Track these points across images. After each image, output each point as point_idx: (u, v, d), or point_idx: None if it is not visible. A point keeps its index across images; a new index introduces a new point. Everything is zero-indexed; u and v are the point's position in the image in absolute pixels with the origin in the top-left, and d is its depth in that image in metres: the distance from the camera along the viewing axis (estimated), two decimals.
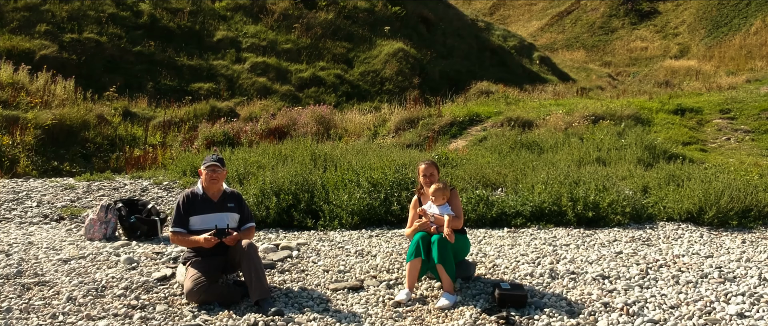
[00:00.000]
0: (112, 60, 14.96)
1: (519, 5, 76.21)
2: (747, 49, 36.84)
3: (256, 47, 16.93)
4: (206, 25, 17.16)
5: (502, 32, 26.45)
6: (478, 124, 9.96)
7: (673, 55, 42.90)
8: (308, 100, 15.69)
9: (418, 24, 20.41)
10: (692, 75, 31.46)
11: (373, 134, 10.76)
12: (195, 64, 15.80)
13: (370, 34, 18.53)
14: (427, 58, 18.53)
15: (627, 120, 8.83)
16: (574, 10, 57.41)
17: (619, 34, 49.96)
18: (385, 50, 17.85)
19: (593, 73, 29.55)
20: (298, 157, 6.46)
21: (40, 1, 15.58)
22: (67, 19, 15.33)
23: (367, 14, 19.13)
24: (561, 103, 11.78)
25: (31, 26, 14.86)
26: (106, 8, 16.07)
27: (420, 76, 17.48)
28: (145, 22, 16.33)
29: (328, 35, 17.98)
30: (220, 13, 17.82)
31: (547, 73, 24.59)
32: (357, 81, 16.76)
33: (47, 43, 14.48)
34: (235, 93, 15.50)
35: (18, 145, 10.10)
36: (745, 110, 9.36)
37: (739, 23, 40.41)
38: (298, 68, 16.57)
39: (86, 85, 14.02)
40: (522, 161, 6.64)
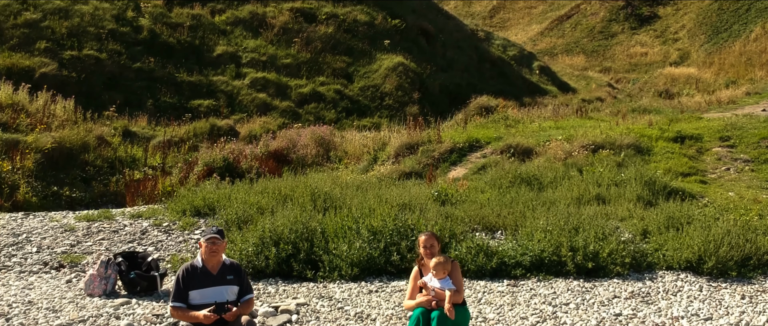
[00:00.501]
0: (111, 77, 14.97)
1: (519, 8, 76.26)
2: (747, 56, 36.87)
3: (256, 62, 16.93)
4: (206, 40, 17.17)
5: (502, 42, 26.45)
6: (478, 149, 9.97)
7: (672, 61, 42.95)
8: (308, 116, 15.70)
9: (418, 36, 20.41)
10: (692, 83, 31.50)
11: (373, 158, 10.76)
12: (195, 80, 15.81)
13: (370, 48, 18.53)
14: (427, 72, 18.53)
15: (626, 149, 8.84)
16: (573, 15, 57.43)
17: (619, 39, 49.99)
18: (385, 64, 17.85)
19: (593, 81, 29.56)
20: (297, 196, 6.46)
21: (40, 17, 15.59)
22: (67, 36, 15.33)
23: (367, 28, 19.13)
24: (561, 125, 11.77)
25: (31, 43, 14.86)
26: (106, 24, 16.07)
27: (420, 91, 17.48)
28: (145, 38, 16.33)
29: (327, 49, 17.98)
30: (219, 27, 17.82)
31: (546, 83, 24.60)
32: (357, 96, 16.76)
33: (47, 61, 14.48)
34: (235, 109, 15.50)
35: (18, 170, 10.10)
36: (745, 138, 9.37)
37: (739, 29, 40.45)
38: (297, 83, 16.58)
39: (86, 103, 14.02)
40: (522, 200, 6.64)
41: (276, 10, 18.80)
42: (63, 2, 16.20)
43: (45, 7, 15.92)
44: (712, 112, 16.36)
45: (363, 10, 19.73)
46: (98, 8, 16.49)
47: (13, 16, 15.36)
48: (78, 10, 16.12)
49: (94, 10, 16.35)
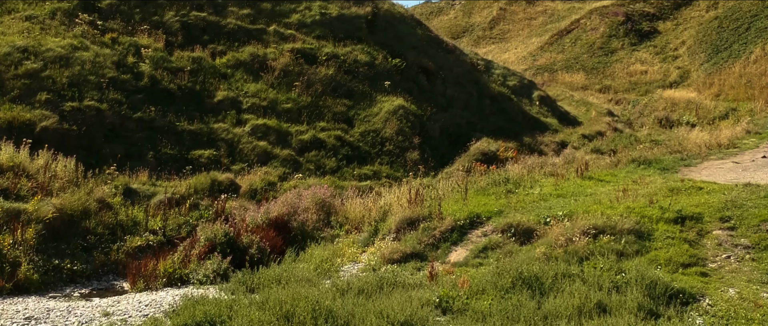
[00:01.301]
0: (112, 128, 14.99)
1: (518, 19, 76.43)
2: (747, 78, 36.97)
3: (257, 108, 16.95)
4: (207, 85, 17.19)
5: (502, 71, 26.49)
6: (479, 226, 9.98)
7: (672, 81, 43.03)
8: (309, 165, 15.74)
9: (419, 75, 20.44)
10: (692, 109, 31.57)
11: (374, 230, 10.77)
12: (195, 128, 15.83)
13: (371, 90, 18.56)
14: (427, 114, 18.56)
15: (627, 235, 8.85)
16: (573, 30, 57.56)
17: (619, 56, 50.09)
18: (385, 107, 17.88)
19: (593, 108, 29.60)
20: (299, 313, 6.47)
21: (41, 66, 15.60)
22: (68, 86, 15.35)
23: (368, 68, 19.16)
24: (561, 190, 11.79)
25: (32, 95, 14.89)
26: (106, 72, 16.09)
27: (420, 135, 17.51)
28: (146, 86, 16.36)
29: (328, 92, 18.01)
30: (220, 70, 17.84)
31: (547, 115, 24.63)
32: (357, 142, 16.78)
33: (48, 114, 14.51)
34: (236, 159, 15.53)
35: (19, 245, 10.11)
36: (745, 219, 9.37)
37: (739, 49, 40.54)
38: (298, 129, 16.60)
39: (87, 157, 14.07)
40: (523, 315, 6.66)
41: (277, 51, 18.83)
42: (64, 50, 16.23)
43: (46, 55, 15.93)
44: (712, 159, 16.39)
45: (363, 50, 19.76)
46: (99, 54, 16.51)
47: (14, 65, 15.38)
48: (79, 58, 16.14)
49: (95, 56, 16.37)
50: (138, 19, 18.64)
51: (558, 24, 68.60)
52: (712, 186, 11.42)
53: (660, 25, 55.43)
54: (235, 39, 19.06)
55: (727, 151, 17.57)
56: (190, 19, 19.16)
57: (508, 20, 76.93)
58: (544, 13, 76.73)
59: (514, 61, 58.10)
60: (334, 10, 20.78)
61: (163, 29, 18.57)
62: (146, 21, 18.70)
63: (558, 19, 71.69)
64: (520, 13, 78.26)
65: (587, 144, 20.82)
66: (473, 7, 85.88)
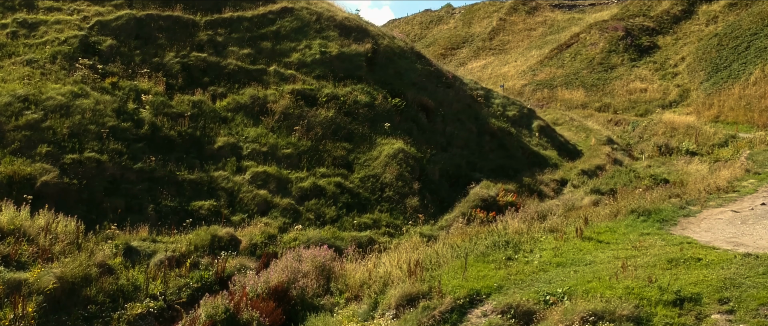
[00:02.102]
0: (113, 180, 15.02)
1: (518, 30, 76.62)
2: (746, 100, 37.07)
3: (257, 153, 16.98)
4: (207, 131, 17.23)
5: (502, 100, 26.54)
6: (479, 304, 10.00)
7: (672, 100, 43.11)
8: (309, 215, 15.77)
9: (418, 113, 20.49)
10: (691, 135, 31.62)
11: (374, 303, 10.80)
12: (196, 177, 15.86)
13: (371, 132, 18.60)
14: (427, 156, 18.60)
15: (626, 322, 8.88)
16: (573, 44, 57.70)
17: (619, 72, 50.23)
18: (385, 151, 17.92)
19: (592, 135, 29.64)
20: None
21: (42, 116, 15.64)
22: (68, 137, 15.38)
23: (367, 109, 19.20)
24: (561, 256, 11.82)
25: (33, 147, 14.92)
26: (107, 120, 16.13)
27: (419, 180, 17.55)
28: (146, 133, 16.39)
29: (328, 135, 18.05)
30: (221, 114, 17.88)
31: (546, 146, 24.68)
32: (357, 188, 16.81)
33: (48, 167, 14.54)
34: (236, 209, 15.56)
35: (21, 319, 10.14)
36: (744, 301, 9.40)
37: (739, 69, 40.64)
38: (298, 176, 16.64)
39: (87, 212, 14.13)
40: None
41: (277, 92, 18.87)
42: (64, 98, 16.27)
43: (46, 104, 15.98)
44: (711, 205, 16.41)
45: (363, 90, 19.80)
46: (99, 101, 16.55)
47: (15, 116, 15.41)
48: (79, 106, 16.18)
49: (95, 104, 16.41)
50: (138, 62, 18.69)
51: (557, 35, 68.75)
52: (711, 256, 11.43)
53: (659, 39, 55.56)
54: (236, 80, 19.11)
55: (726, 197, 17.58)
56: (191, 60, 19.21)
57: (508, 31, 77.06)
58: (544, 24, 76.86)
59: (513, 75, 58.26)
60: (335, 49, 20.82)
61: (164, 71, 18.61)
62: (146, 63, 18.75)
63: (558, 31, 71.82)
64: (519, 23, 78.40)
65: (587, 181, 20.86)
66: (473, 16, 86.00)
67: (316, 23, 21.72)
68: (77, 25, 19.16)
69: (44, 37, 18.76)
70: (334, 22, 22.10)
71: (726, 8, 57.49)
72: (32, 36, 18.80)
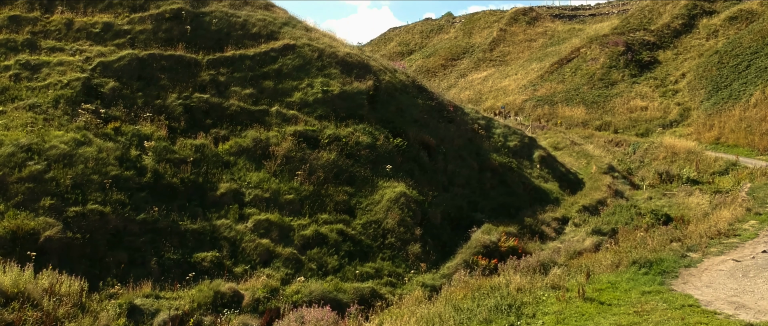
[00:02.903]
0: (116, 233, 15.06)
1: (518, 41, 76.75)
2: (747, 123, 37.14)
3: (259, 200, 17.03)
4: (209, 176, 17.27)
5: (503, 130, 26.58)
6: None
7: (672, 119, 43.17)
8: (311, 265, 15.82)
9: (420, 152, 20.54)
10: (692, 161, 31.66)
11: None
12: (198, 227, 15.91)
13: (372, 175, 18.64)
14: (429, 199, 18.65)
15: None
16: (574, 58, 57.81)
17: (619, 89, 50.31)
18: (387, 195, 17.97)
19: (593, 162, 29.68)
20: None
21: (45, 167, 15.68)
22: (72, 188, 15.43)
23: (369, 151, 19.24)
24: (563, 318, 11.87)
25: (36, 200, 14.96)
26: (110, 169, 16.17)
27: (421, 225, 17.60)
28: (149, 181, 16.44)
29: (330, 179, 18.10)
30: (223, 158, 17.93)
31: (547, 178, 24.72)
32: (359, 235, 16.86)
33: (52, 221, 14.57)
34: (238, 260, 15.60)
35: None
36: None
37: (740, 89, 40.72)
38: (300, 223, 16.68)
39: (90, 267, 14.19)
40: None
41: (279, 134, 18.92)
42: (67, 146, 16.32)
43: (49, 153, 16.03)
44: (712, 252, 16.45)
45: (365, 130, 19.84)
46: (102, 149, 16.60)
47: (18, 168, 15.46)
48: (82, 155, 16.23)
49: (98, 152, 16.46)
50: (140, 104, 18.74)
51: (558, 47, 68.86)
52: (713, 324, 11.47)
53: (660, 53, 55.64)
54: (238, 122, 19.16)
55: (727, 242, 17.62)
56: (193, 101, 19.26)
57: (508, 41, 77.15)
58: (544, 35, 76.95)
59: (514, 89, 58.36)
60: (336, 87, 20.87)
61: (166, 114, 18.66)
62: (149, 105, 18.80)
63: (558, 42, 71.94)
64: (520, 34, 78.49)
65: (588, 219, 20.90)
66: (473, 26, 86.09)
67: (318, 60, 21.77)
68: (80, 67, 19.21)
69: (47, 79, 18.81)
70: (336, 59, 22.15)
71: (726, 22, 57.60)
72: (35, 78, 18.86)
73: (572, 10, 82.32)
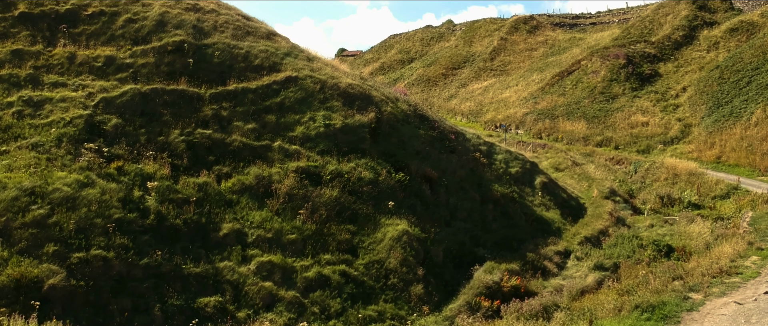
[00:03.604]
0: (119, 279, 15.08)
1: (519, 51, 76.80)
2: (748, 142, 37.22)
3: (262, 240, 17.06)
4: (212, 216, 17.30)
5: (505, 156, 26.61)
6: None
7: (673, 135, 43.24)
8: (313, 308, 15.86)
9: (422, 186, 20.58)
10: (693, 183, 31.70)
11: None
12: (201, 270, 15.94)
13: (374, 212, 18.68)
14: (431, 236, 18.69)
15: None
16: (574, 71, 57.87)
17: (620, 103, 50.38)
18: (389, 233, 18.01)
19: (595, 186, 29.72)
20: None
21: (48, 211, 15.70)
22: (75, 233, 15.45)
23: (371, 187, 19.27)
24: None
25: (39, 246, 14.98)
26: (113, 212, 16.19)
27: (423, 264, 17.65)
28: (152, 224, 16.46)
29: (333, 217, 18.13)
30: (226, 196, 17.96)
31: (549, 206, 24.75)
32: (362, 276, 16.90)
33: (55, 269, 14.59)
34: (241, 304, 15.63)
35: None
36: None
37: (740, 107, 40.79)
38: (303, 264, 16.72)
39: (94, 316, 14.25)
40: None
41: (282, 171, 18.95)
42: (70, 188, 16.34)
43: (53, 196, 16.04)
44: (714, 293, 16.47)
45: (367, 165, 19.88)
46: (105, 191, 16.62)
47: (22, 213, 15.48)
48: (85, 198, 16.25)
49: (101, 194, 16.48)
50: (143, 141, 18.77)
51: (559, 57, 68.89)
52: None
53: (661, 66, 55.69)
54: (241, 158, 19.19)
55: (728, 282, 17.64)
56: (196, 137, 19.30)
57: (509, 51, 77.17)
58: (545, 44, 76.97)
59: (515, 101, 58.37)
60: (338, 121, 20.90)
61: (169, 152, 18.69)
62: (152, 142, 18.83)
63: (559, 52, 71.96)
64: (520, 43, 78.51)
65: (590, 252, 20.93)
66: (474, 35, 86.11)
67: (320, 93, 21.81)
68: (82, 104, 19.24)
69: (50, 116, 18.85)
70: (338, 91, 22.18)
71: (727, 33, 57.67)
72: (38, 115, 18.89)
73: (573, 18, 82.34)
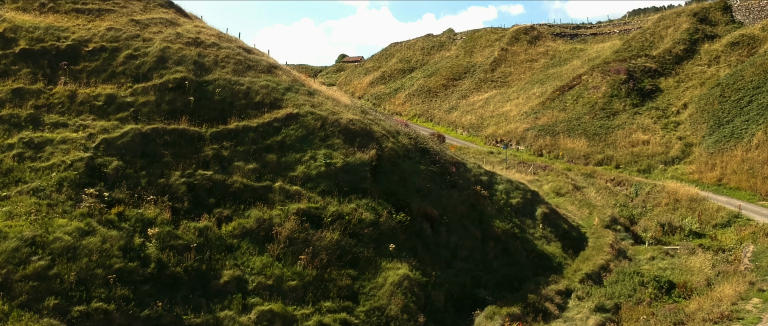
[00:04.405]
0: None
1: (520, 62, 76.85)
2: (749, 165, 37.22)
3: (263, 287, 17.03)
4: (213, 263, 17.28)
5: (506, 186, 26.58)
6: None
7: (674, 155, 43.22)
8: None
9: (423, 224, 20.55)
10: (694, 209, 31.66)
11: None
12: (202, 321, 15.90)
13: (375, 255, 18.65)
14: (432, 279, 18.68)
15: None
16: (575, 86, 57.88)
17: (621, 119, 50.36)
18: (390, 278, 17.98)
19: (596, 214, 29.67)
20: None
21: (49, 262, 15.68)
22: (76, 285, 15.42)
23: (372, 229, 19.25)
24: None
25: (40, 299, 14.96)
26: (114, 262, 16.16)
27: (424, 311, 17.63)
28: (153, 272, 16.44)
29: (333, 262, 18.11)
30: (226, 241, 17.94)
31: (551, 239, 24.73)
32: (363, 325, 16.86)
33: (56, 323, 14.56)
34: None
35: None
36: None
37: (742, 127, 40.81)
38: (304, 313, 16.69)
39: None
40: None
41: (282, 213, 18.92)
42: (71, 237, 16.32)
43: (53, 246, 16.02)
44: None
45: (368, 206, 19.85)
46: (106, 239, 16.60)
47: (23, 264, 15.44)
48: (86, 247, 16.23)
49: (102, 243, 16.46)
50: (144, 184, 18.75)
51: (559, 69, 68.91)
52: None
53: (662, 81, 55.67)
54: (241, 200, 19.16)
55: None
56: (196, 179, 19.28)
57: (510, 62, 77.16)
58: (546, 55, 76.96)
59: (515, 116, 58.36)
60: (339, 160, 20.87)
61: (170, 194, 18.67)
62: (152, 185, 18.81)
63: (560, 63, 71.96)
64: (521, 54, 78.50)
65: (591, 291, 20.90)
66: (475, 44, 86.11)
67: (321, 130, 21.78)
68: (83, 145, 19.23)
69: (51, 159, 18.83)
70: (339, 127, 22.15)
71: (728, 47, 57.70)
72: (39, 158, 18.88)
73: (573, 28, 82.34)
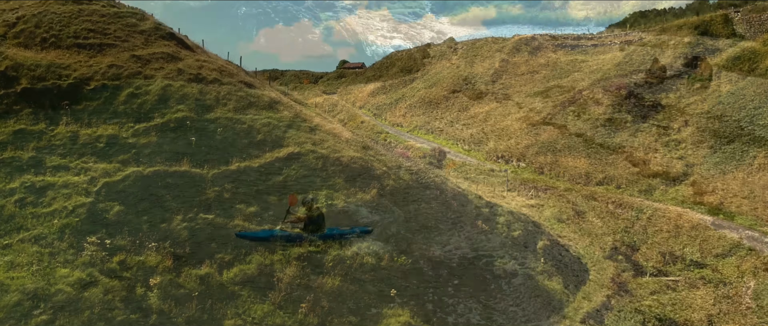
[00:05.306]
0: None
1: (520, 73, 76.86)
2: (750, 188, 37.15)
3: None
4: (214, 313, 17.25)
5: (507, 218, 26.57)
6: None
7: (675, 176, 43.15)
8: None
9: (424, 267, 20.53)
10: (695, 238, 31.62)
11: None
12: None
13: (377, 301, 18.64)
14: None
15: None
16: (577, 101, 57.77)
17: (622, 137, 50.35)
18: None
19: (597, 244, 29.63)
20: None
21: (50, 317, 15.67)
22: None
23: (373, 274, 19.24)
24: None
25: None
26: (115, 314, 16.17)
27: None
28: (154, 324, 16.43)
29: (334, 310, 18.09)
30: (228, 289, 17.92)
31: (552, 273, 24.70)
32: None
33: None
34: None
35: None
36: None
37: (742, 149, 40.75)
38: None
39: None
40: None
41: (284, 258, 18.92)
42: (73, 289, 16.34)
43: (55, 299, 16.03)
44: None
45: (369, 249, 19.84)
46: (108, 291, 16.61)
47: (24, 319, 15.46)
48: (88, 299, 16.24)
49: (104, 294, 16.47)
50: (145, 230, 18.74)
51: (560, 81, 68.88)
52: None
53: (663, 97, 55.65)
54: (243, 244, 19.15)
55: None
56: (198, 223, 19.27)
57: (511, 73, 77.15)
58: (547, 66, 76.94)
59: (516, 131, 58.40)
60: (340, 201, 20.87)
61: (171, 240, 18.66)
62: (154, 230, 18.81)
63: (561, 75, 71.96)
64: (522, 65, 78.50)
65: None
66: (475, 54, 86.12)
67: (322, 170, 21.77)
68: (85, 190, 19.23)
69: (52, 204, 18.84)
70: (340, 166, 22.14)
71: (729, 62, 57.71)
72: (40, 203, 18.89)
73: (575, 39, 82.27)
